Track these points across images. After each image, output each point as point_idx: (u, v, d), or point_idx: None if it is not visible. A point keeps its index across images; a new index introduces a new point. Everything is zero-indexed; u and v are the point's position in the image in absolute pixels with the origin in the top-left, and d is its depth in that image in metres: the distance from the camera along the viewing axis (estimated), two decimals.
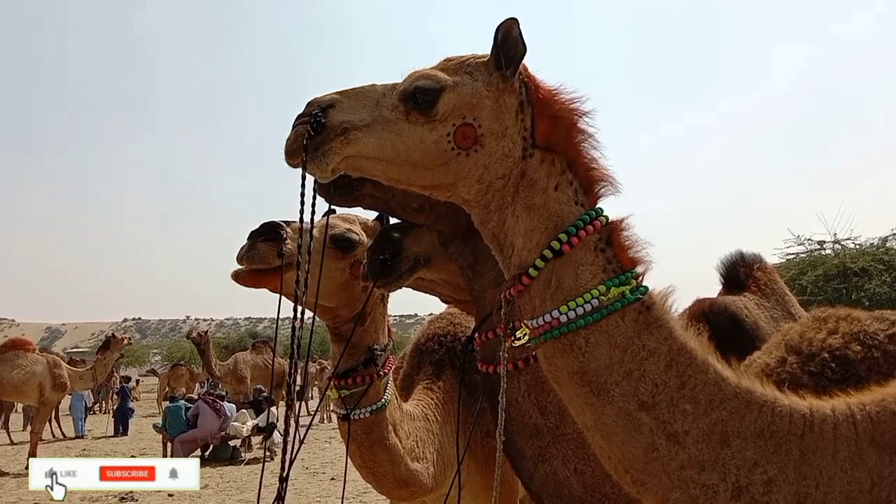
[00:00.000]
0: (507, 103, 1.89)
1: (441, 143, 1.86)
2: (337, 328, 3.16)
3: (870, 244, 17.55)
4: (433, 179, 1.93)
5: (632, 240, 1.88)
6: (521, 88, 1.91)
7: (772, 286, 5.38)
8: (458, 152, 1.87)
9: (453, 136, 1.86)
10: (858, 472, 1.65)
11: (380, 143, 1.84)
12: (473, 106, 1.87)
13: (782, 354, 2.57)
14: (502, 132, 1.88)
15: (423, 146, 1.86)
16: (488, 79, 1.89)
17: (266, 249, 2.88)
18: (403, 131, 1.85)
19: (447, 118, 1.86)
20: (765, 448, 1.69)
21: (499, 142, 1.88)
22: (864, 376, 2.29)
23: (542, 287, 1.82)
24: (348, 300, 3.12)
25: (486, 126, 1.87)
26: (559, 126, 1.91)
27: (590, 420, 1.80)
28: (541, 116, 1.90)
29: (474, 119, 1.87)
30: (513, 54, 1.87)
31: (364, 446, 3.13)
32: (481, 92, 1.88)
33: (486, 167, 1.88)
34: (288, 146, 1.85)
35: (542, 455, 2.63)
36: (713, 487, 1.69)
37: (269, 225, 2.94)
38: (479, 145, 1.87)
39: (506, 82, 1.89)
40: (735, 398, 1.73)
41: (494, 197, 1.90)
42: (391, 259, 2.83)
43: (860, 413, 1.70)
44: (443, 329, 3.87)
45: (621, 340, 1.76)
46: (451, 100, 1.86)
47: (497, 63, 1.88)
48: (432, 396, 3.57)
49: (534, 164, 1.88)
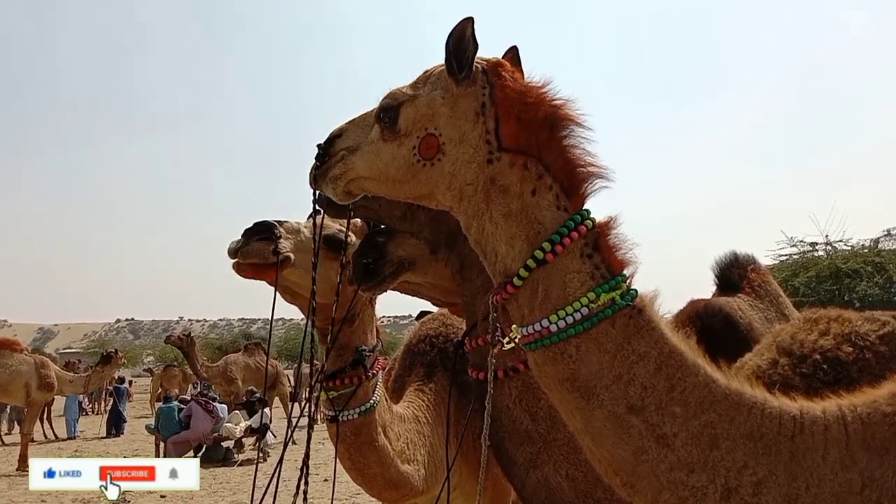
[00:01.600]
0: (464, 108, 1.87)
1: (408, 157, 1.91)
2: (328, 329, 3.15)
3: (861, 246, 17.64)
4: (412, 192, 1.99)
5: (619, 241, 1.83)
6: (483, 90, 1.87)
7: (766, 287, 5.38)
8: (424, 163, 1.89)
9: (418, 148, 1.89)
10: (849, 474, 1.64)
11: (367, 164, 1.98)
12: (431, 116, 1.89)
13: (774, 356, 2.56)
14: (460, 138, 1.86)
15: (396, 162, 1.93)
16: (445, 85, 1.89)
17: (260, 247, 2.91)
18: (381, 150, 1.95)
19: (411, 132, 1.90)
20: (754, 450, 1.68)
21: (458, 148, 1.86)
22: (855, 377, 2.29)
23: (529, 296, 1.79)
24: (342, 300, 3.11)
25: (446, 134, 1.87)
26: (527, 127, 1.84)
27: (580, 424, 1.79)
28: (505, 118, 1.84)
29: (435, 128, 1.88)
30: (465, 56, 1.84)
31: (353, 448, 3.11)
32: (436, 101, 1.88)
33: (453, 174, 1.87)
34: (309, 175, 2.15)
35: (533, 461, 2.63)
36: (702, 489, 1.68)
37: (264, 224, 2.96)
38: (441, 154, 1.88)
39: (460, 86, 1.87)
40: (724, 400, 1.72)
41: (469, 204, 1.88)
42: (375, 263, 2.84)
43: (851, 415, 1.69)
44: (434, 330, 3.86)
45: (611, 346, 1.74)
46: (409, 114, 1.90)
47: (450, 69, 1.86)
48: (423, 398, 3.56)
49: (502, 169, 1.83)
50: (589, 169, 1.86)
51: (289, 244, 2.96)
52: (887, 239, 17.76)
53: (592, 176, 1.86)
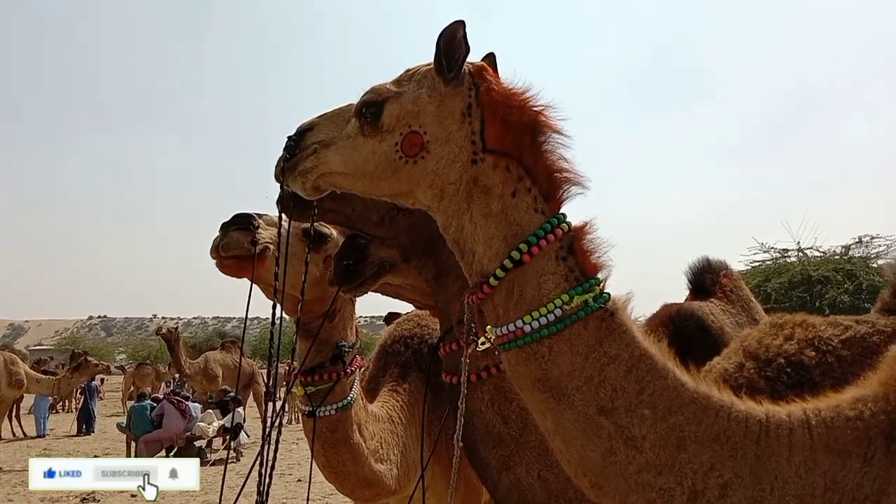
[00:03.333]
0: (451, 107, 1.88)
1: (390, 154, 1.89)
2: (307, 324, 3.14)
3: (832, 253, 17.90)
4: (392, 189, 1.96)
5: (594, 244, 1.87)
6: (470, 91, 1.89)
7: (737, 292, 5.47)
8: (406, 160, 1.89)
9: (401, 145, 1.88)
10: (812, 477, 1.67)
11: (342, 158, 1.94)
12: (416, 113, 1.89)
13: (740, 360, 2.61)
14: (446, 137, 1.87)
15: (376, 157, 1.91)
16: (432, 84, 1.90)
17: (239, 237, 2.90)
18: (359, 145, 1.92)
19: (393, 128, 1.89)
20: (721, 452, 1.71)
21: (444, 147, 1.87)
22: (818, 381, 2.34)
23: (504, 296, 1.82)
24: (321, 295, 3.12)
25: (431, 132, 1.88)
26: (511, 130, 1.87)
27: (551, 424, 1.81)
28: (491, 120, 1.87)
29: (420, 126, 1.88)
30: (456, 57, 1.85)
31: (328, 444, 3.11)
32: (423, 99, 1.89)
33: (436, 173, 1.88)
34: (275, 167, 2.06)
35: (505, 463, 2.65)
36: (669, 491, 1.71)
37: (241, 216, 2.96)
38: (425, 152, 1.88)
39: (449, 86, 1.88)
40: (693, 403, 1.75)
41: (450, 203, 1.89)
42: (356, 265, 2.84)
43: (815, 419, 1.73)
44: (409, 331, 3.87)
45: (583, 348, 1.76)
46: (393, 110, 1.89)
47: (439, 68, 1.87)
48: (397, 398, 3.57)
49: (485, 170, 1.85)
50: (567, 174, 1.90)
51: (268, 235, 2.95)
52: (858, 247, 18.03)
53: (570, 181, 1.90)
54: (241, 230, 2.91)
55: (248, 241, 2.88)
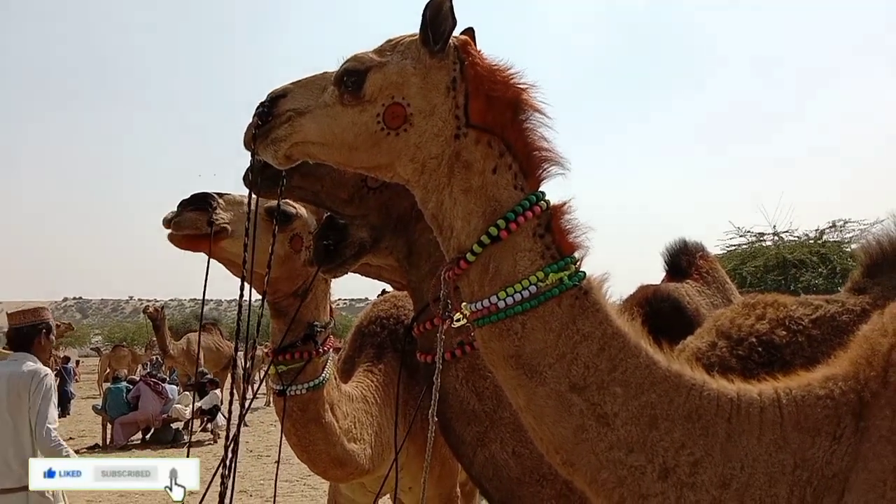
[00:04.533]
0: (436, 80, 1.85)
1: (371, 125, 1.85)
2: (277, 303, 3.12)
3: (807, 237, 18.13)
4: (370, 161, 1.92)
5: (571, 224, 1.86)
6: (454, 65, 1.86)
7: (713, 274, 5.52)
8: (388, 132, 1.85)
9: (383, 117, 1.84)
10: (782, 455, 1.69)
11: (319, 127, 1.88)
12: (400, 84, 1.85)
13: (713, 339, 2.64)
14: (430, 110, 1.84)
15: (356, 128, 1.86)
16: (417, 56, 1.86)
17: (195, 217, 2.87)
18: (338, 114, 1.87)
19: (376, 98, 1.85)
20: (692, 430, 1.71)
21: (428, 120, 1.84)
22: (788, 360, 2.37)
23: (480, 272, 1.81)
24: (288, 274, 3.09)
25: (415, 104, 1.84)
26: (495, 105, 1.86)
27: (523, 401, 1.81)
28: (475, 95, 1.85)
29: (403, 98, 1.84)
30: (442, 29, 1.82)
31: (299, 423, 3.10)
32: (408, 70, 1.85)
33: (418, 146, 1.85)
34: (244, 136, 1.95)
35: (480, 440, 2.66)
36: (640, 468, 1.71)
37: (199, 195, 2.92)
38: (408, 124, 1.85)
39: (434, 58, 1.85)
40: (665, 382, 1.75)
41: (431, 177, 1.87)
42: (336, 245, 2.81)
43: (786, 397, 1.74)
44: (385, 312, 3.86)
45: (556, 325, 1.76)
46: (377, 80, 1.85)
47: (425, 39, 1.84)
48: (372, 379, 3.56)
49: (468, 145, 1.84)
50: (547, 153, 1.89)
51: (227, 216, 2.91)
52: (832, 231, 18.27)
53: (550, 160, 1.89)
54: (197, 210, 2.88)
55: (205, 220, 2.85)
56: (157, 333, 18.68)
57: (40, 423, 4.61)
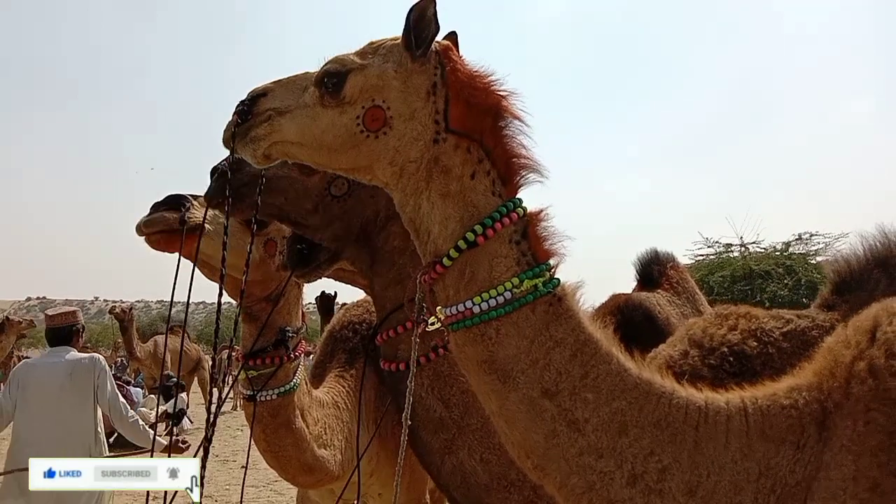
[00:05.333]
0: (417, 84, 1.86)
1: (350, 126, 1.85)
2: (249, 307, 3.10)
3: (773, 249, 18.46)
4: (349, 163, 1.93)
5: (548, 232, 1.89)
6: (436, 69, 1.88)
7: (683, 284, 5.60)
8: (368, 135, 1.85)
9: (363, 119, 1.85)
10: (747, 463, 1.71)
11: (299, 127, 1.88)
12: (381, 88, 1.85)
13: (685, 348, 2.68)
14: (410, 114, 1.85)
15: (335, 129, 1.86)
16: (399, 60, 1.87)
17: (166, 215, 2.83)
18: (318, 115, 1.87)
19: (356, 101, 1.85)
20: (661, 438, 1.73)
21: (407, 124, 1.85)
22: (758, 370, 2.41)
23: (456, 277, 1.82)
24: (262, 277, 3.07)
25: (395, 108, 1.85)
26: (474, 111, 1.87)
27: (495, 406, 1.82)
28: (455, 100, 1.86)
29: (383, 101, 1.85)
30: (425, 34, 1.84)
31: (269, 429, 3.08)
32: (388, 73, 1.86)
33: (397, 150, 1.86)
34: (223, 134, 1.95)
35: (448, 447, 2.66)
36: (609, 474, 1.73)
37: (173, 196, 2.89)
38: (388, 127, 1.85)
39: (416, 62, 1.86)
40: (635, 389, 1.77)
41: (409, 181, 1.88)
42: (310, 249, 2.79)
43: (752, 406, 1.77)
44: (358, 317, 3.84)
45: (530, 331, 1.78)
46: (357, 82, 1.85)
47: (408, 43, 1.85)
48: (343, 384, 3.54)
49: (447, 150, 1.85)
50: (525, 161, 1.91)
51: (202, 215, 2.89)
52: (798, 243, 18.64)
53: (528, 168, 1.91)
54: (170, 210, 2.85)
55: (177, 220, 2.82)
56: (123, 335, 18.29)
57: (114, 401, 5.35)
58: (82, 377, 5.21)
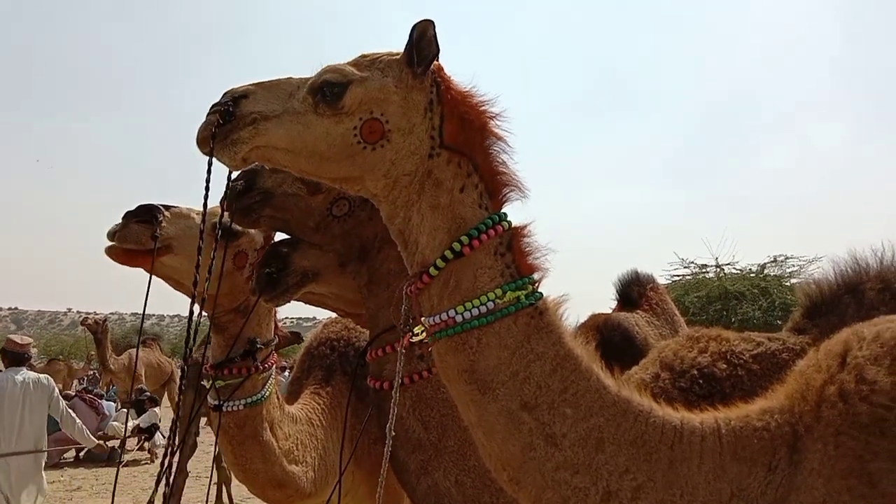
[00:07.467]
0: (416, 101, 1.90)
1: (347, 137, 1.87)
2: (217, 319, 3.07)
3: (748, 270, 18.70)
4: (340, 172, 1.94)
5: (532, 246, 1.93)
6: (432, 87, 1.93)
7: (662, 306, 5.67)
8: (365, 146, 1.88)
9: (360, 130, 1.87)
10: (720, 483, 1.73)
11: (288, 134, 1.86)
12: (381, 101, 1.88)
13: (656, 370, 2.70)
14: (409, 129, 1.89)
15: (329, 138, 1.87)
16: (399, 75, 1.91)
17: (139, 230, 2.80)
18: (311, 123, 1.87)
19: (354, 112, 1.87)
20: (636, 456, 1.75)
21: (405, 138, 1.89)
22: (728, 392, 2.44)
23: (441, 286, 1.85)
24: (230, 290, 3.04)
25: (394, 122, 1.89)
26: (467, 128, 1.93)
27: (474, 417, 1.83)
28: (450, 117, 1.92)
29: (382, 114, 1.88)
30: (426, 53, 1.89)
31: (235, 441, 3.05)
32: (389, 88, 1.89)
33: (393, 163, 1.89)
34: (199, 134, 1.86)
35: (424, 468, 2.67)
36: (584, 490, 1.74)
37: (145, 207, 2.86)
38: (385, 140, 1.88)
39: (416, 79, 1.90)
40: (613, 406, 1.79)
41: (401, 193, 1.91)
42: (278, 273, 2.81)
43: (725, 427, 1.79)
44: (336, 334, 3.83)
45: (511, 343, 1.80)
46: (357, 94, 1.87)
47: (409, 60, 1.90)
48: (319, 401, 3.52)
49: (440, 164, 1.90)
50: (511, 177, 1.97)
51: (173, 229, 2.87)
52: (773, 265, 18.90)
53: (512, 184, 1.97)
54: (142, 223, 2.81)
55: (149, 235, 2.79)
56: (97, 347, 17.99)
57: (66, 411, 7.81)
58: (41, 390, 7.32)
